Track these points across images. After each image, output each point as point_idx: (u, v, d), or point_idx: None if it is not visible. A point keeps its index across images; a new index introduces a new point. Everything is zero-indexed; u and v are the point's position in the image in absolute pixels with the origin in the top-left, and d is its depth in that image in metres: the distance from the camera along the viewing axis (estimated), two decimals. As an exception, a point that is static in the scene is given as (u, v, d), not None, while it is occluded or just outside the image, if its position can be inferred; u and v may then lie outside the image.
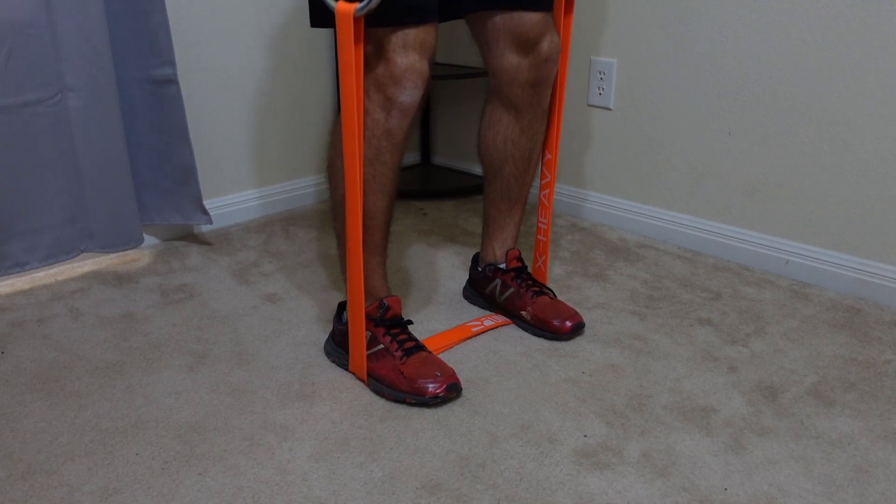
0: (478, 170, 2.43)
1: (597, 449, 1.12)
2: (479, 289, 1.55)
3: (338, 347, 1.34)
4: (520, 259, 1.51)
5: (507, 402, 1.24)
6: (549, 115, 1.44)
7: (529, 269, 1.56)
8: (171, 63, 1.69)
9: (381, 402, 1.24)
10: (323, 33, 2.15)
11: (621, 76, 1.94)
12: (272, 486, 1.05)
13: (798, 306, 1.58)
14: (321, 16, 1.18)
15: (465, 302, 1.60)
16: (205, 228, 1.99)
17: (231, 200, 2.07)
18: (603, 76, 1.97)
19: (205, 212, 1.84)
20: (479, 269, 1.55)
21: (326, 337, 1.42)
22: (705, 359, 1.38)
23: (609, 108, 1.99)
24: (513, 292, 1.48)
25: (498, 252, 1.53)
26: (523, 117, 1.39)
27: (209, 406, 1.23)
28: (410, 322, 1.33)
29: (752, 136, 1.73)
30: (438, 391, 1.21)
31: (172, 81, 1.70)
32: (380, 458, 1.10)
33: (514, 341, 1.43)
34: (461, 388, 1.24)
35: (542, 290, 1.47)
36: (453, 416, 1.20)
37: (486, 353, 1.39)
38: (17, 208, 1.61)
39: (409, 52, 1.15)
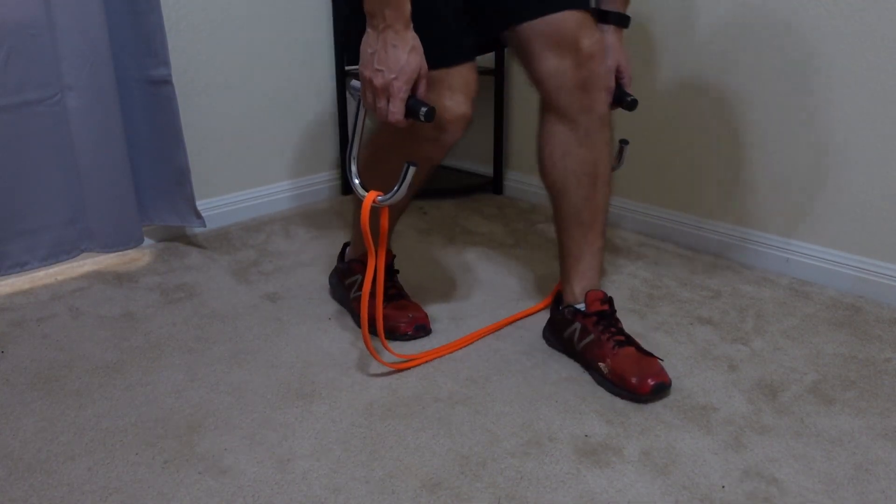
0: (478, 167, 2.43)
1: (597, 447, 1.12)
2: (558, 332, 1.38)
3: (338, 283, 1.56)
4: (605, 301, 1.32)
5: (508, 400, 1.24)
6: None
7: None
8: (166, 64, 1.69)
9: (381, 400, 1.24)
10: (322, 31, 2.15)
11: (621, 75, 1.94)
12: (272, 485, 1.05)
13: (798, 304, 1.58)
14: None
15: (464, 301, 1.59)
16: (205, 228, 1.99)
17: (231, 199, 2.07)
18: (603, 75, 1.97)
19: (198, 215, 1.84)
20: (560, 310, 1.38)
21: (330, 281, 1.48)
22: (705, 357, 1.38)
23: (609, 107, 1.99)
24: (592, 340, 1.30)
25: (577, 290, 1.36)
26: (578, 126, 1.29)
27: (209, 405, 1.23)
28: (398, 271, 1.52)
29: (751, 134, 1.73)
30: (407, 330, 1.41)
31: (168, 82, 1.70)
32: (380, 457, 1.10)
33: (514, 340, 1.43)
34: (429, 329, 1.44)
35: (627, 340, 1.29)
36: (454, 415, 1.20)
37: (487, 351, 1.39)
38: (17, 208, 1.61)
39: (455, 94, 1.19)
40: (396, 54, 1.08)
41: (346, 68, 2.21)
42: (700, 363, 1.36)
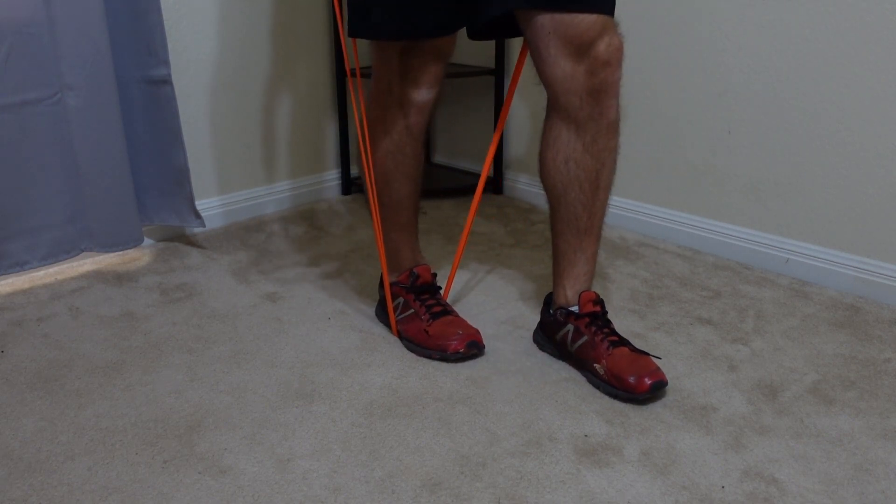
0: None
1: (597, 447, 1.12)
2: (550, 334, 1.38)
3: (383, 313, 1.49)
4: (597, 302, 1.34)
5: (508, 400, 1.24)
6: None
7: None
8: (166, 63, 1.69)
9: (380, 400, 1.24)
10: (321, 31, 2.15)
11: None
12: (272, 485, 1.05)
13: (798, 305, 1.58)
14: (356, 28, 1.27)
15: (464, 300, 1.59)
16: (205, 228, 1.99)
17: (231, 199, 2.07)
18: (603, 75, 1.97)
19: (197, 215, 1.84)
20: (551, 313, 1.38)
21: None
22: (705, 357, 1.38)
23: (609, 107, 1.99)
24: (586, 341, 1.31)
25: (570, 293, 1.35)
26: (585, 133, 1.24)
27: (209, 405, 1.23)
28: (440, 287, 1.47)
29: (751, 134, 1.73)
30: (459, 347, 1.34)
31: (167, 82, 1.70)
32: (380, 457, 1.10)
33: (514, 340, 1.43)
34: (483, 346, 1.37)
35: (620, 340, 1.29)
36: (454, 415, 1.20)
37: (487, 351, 1.39)
38: (17, 207, 1.61)
39: (424, 55, 1.26)
40: None
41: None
42: (700, 363, 1.36)
